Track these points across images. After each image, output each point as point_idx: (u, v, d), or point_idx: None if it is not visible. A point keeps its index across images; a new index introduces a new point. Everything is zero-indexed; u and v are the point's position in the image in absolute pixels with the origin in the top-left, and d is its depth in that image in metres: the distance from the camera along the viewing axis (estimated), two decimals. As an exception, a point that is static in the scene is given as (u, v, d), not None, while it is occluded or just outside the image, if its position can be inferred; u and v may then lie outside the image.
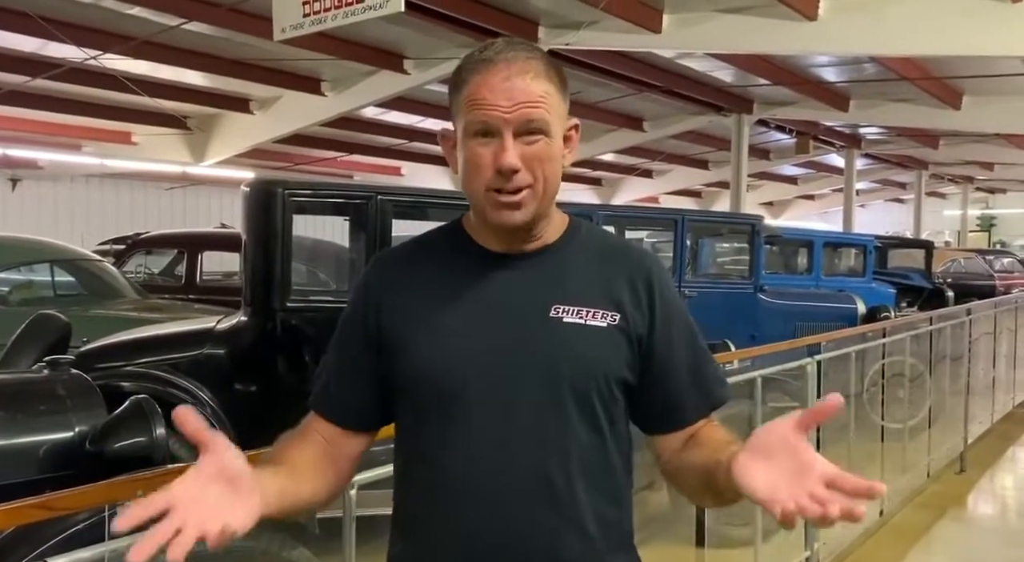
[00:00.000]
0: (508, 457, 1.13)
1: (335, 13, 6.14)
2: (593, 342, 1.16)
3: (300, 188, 3.97)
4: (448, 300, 1.18)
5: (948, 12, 7.68)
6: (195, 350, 4.04)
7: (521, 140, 1.13)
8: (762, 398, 3.52)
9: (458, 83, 1.17)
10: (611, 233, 1.34)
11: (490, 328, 1.16)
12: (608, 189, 22.11)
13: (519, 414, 1.13)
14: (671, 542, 3.59)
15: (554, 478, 1.13)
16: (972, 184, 24.41)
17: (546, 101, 1.15)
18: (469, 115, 1.14)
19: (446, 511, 1.15)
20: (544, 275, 1.19)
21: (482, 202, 1.16)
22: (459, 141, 1.17)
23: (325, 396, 1.24)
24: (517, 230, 1.18)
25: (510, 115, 1.12)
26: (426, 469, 1.18)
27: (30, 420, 2.45)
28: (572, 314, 1.16)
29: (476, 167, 1.14)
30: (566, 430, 1.14)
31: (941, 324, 5.93)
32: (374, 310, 1.21)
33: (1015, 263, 15.86)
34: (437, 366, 1.15)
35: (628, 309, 1.18)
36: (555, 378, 1.14)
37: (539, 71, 1.15)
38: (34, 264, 6.45)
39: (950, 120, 12.71)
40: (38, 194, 15.85)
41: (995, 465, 6.08)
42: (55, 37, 8.28)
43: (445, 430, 1.15)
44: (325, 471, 1.20)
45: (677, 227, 6.89)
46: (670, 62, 10.79)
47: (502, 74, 1.13)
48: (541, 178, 1.15)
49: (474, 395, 1.14)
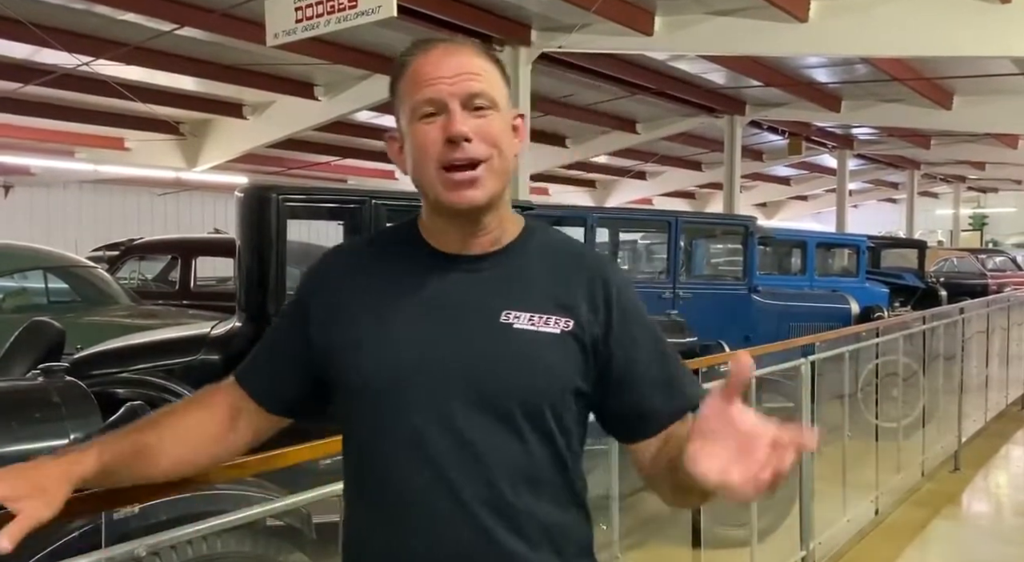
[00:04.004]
0: (448, 468, 1.08)
1: (328, 19, 6.14)
2: (544, 349, 1.11)
3: (294, 193, 3.96)
4: (394, 303, 1.14)
5: (938, 13, 7.72)
6: (190, 356, 4.03)
7: (469, 113, 1.10)
8: (757, 399, 3.53)
9: (398, 72, 1.15)
10: (568, 237, 1.27)
11: (435, 333, 1.11)
12: (602, 191, 22.14)
13: (462, 423, 1.09)
14: (667, 543, 3.60)
15: (497, 489, 1.09)
16: (964, 184, 24.49)
17: (488, 76, 1.13)
18: (413, 97, 1.11)
19: (386, 525, 1.12)
20: (496, 278, 1.15)
21: (435, 185, 1.10)
22: (406, 131, 1.13)
23: (251, 368, 1.25)
24: (473, 214, 1.12)
25: (454, 86, 1.09)
26: (366, 479, 1.15)
27: (25, 428, 2.44)
28: (523, 320, 1.11)
29: (424, 146, 1.10)
30: (511, 439, 1.09)
31: (934, 323, 5.96)
32: (317, 305, 1.19)
33: (1007, 262, 15.92)
34: (378, 372, 1.12)
35: (583, 316, 1.13)
36: (501, 386, 1.09)
37: (477, 51, 1.15)
38: (27, 271, 6.42)
39: (941, 120, 12.77)
40: (31, 201, 15.80)
41: (989, 463, 6.10)
42: (47, 43, 8.25)
43: (383, 439, 1.11)
44: (207, 442, 1.21)
45: (671, 229, 6.91)
46: (662, 64, 10.82)
47: (441, 50, 1.13)
48: (496, 153, 1.11)
49: (415, 403, 1.10)
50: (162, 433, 1.18)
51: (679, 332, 4.70)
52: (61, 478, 1.08)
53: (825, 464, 4.20)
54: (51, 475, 1.07)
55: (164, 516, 1.71)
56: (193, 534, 1.62)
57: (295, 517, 2.23)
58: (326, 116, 11.76)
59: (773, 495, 0.93)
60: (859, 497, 4.39)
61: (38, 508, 1.04)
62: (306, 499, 1.77)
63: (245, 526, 1.98)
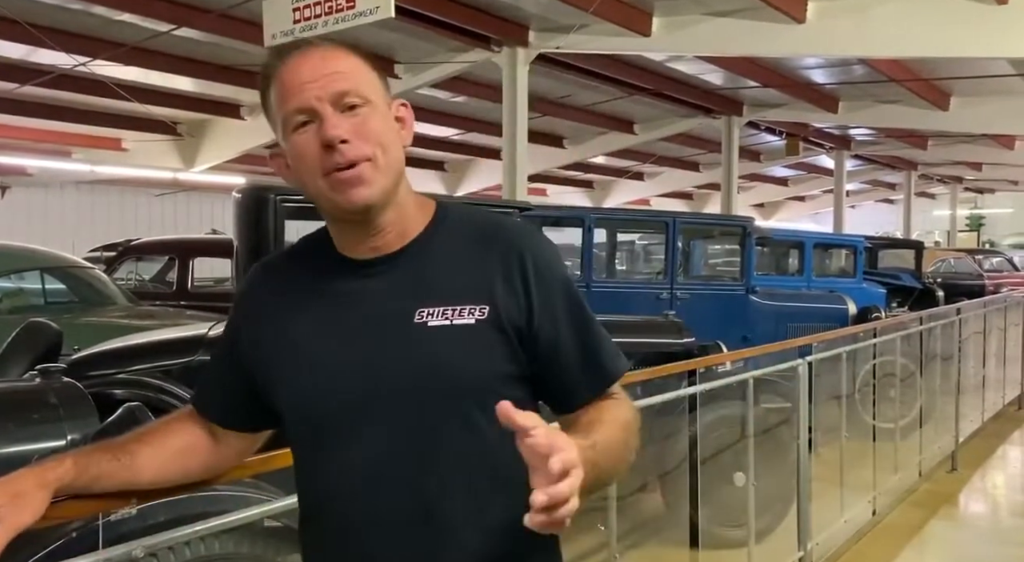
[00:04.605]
0: (377, 482, 1.07)
1: (326, 19, 6.14)
2: (461, 344, 1.07)
3: (292, 194, 3.95)
4: (309, 320, 1.12)
5: (935, 14, 7.74)
6: (187, 357, 4.01)
7: (343, 114, 1.06)
8: (754, 399, 3.54)
9: (264, 86, 1.11)
10: (483, 213, 1.20)
11: (350, 346, 1.09)
12: (600, 192, 22.15)
13: (385, 435, 1.07)
14: (665, 544, 3.60)
15: (428, 497, 1.07)
16: (961, 184, 24.54)
17: (356, 73, 1.08)
18: (283, 108, 1.07)
19: (326, 544, 1.12)
20: (407, 277, 1.11)
21: (323, 191, 1.07)
22: (284, 145, 1.10)
23: (202, 394, 1.26)
24: (369, 214, 1.08)
25: (320, 89, 1.05)
26: (306, 500, 1.16)
27: (22, 429, 2.43)
28: (438, 315, 1.07)
29: (303, 157, 1.06)
30: (438, 443, 1.07)
31: (931, 324, 5.96)
32: (244, 326, 1.19)
33: (1004, 262, 15.96)
34: (302, 395, 1.11)
35: (500, 299, 1.08)
36: (421, 390, 1.07)
37: (339, 49, 1.10)
38: (24, 272, 6.41)
39: (938, 121, 12.80)
40: (28, 201, 15.78)
41: (986, 463, 6.11)
42: (44, 43, 8.25)
43: (315, 460, 1.11)
44: (194, 454, 1.23)
45: (669, 229, 6.91)
46: (660, 65, 10.83)
47: (300, 56, 1.09)
48: (378, 148, 1.06)
49: (338, 421, 1.08)
50: (144, 445, 1.19)
51: (677, 333, 4.70)
52: (38, 485, 1.09)
53: (822, 465, 4.20)
54: (27, 482, 1.09)
55: (162, 517, 1.71)
56: (191, 535, 1.62)
57: (293, 518, 2.23)
58: (323, 116, 11.75)
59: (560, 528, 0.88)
60: (856, 498, 4.39)
61: (16, 514, 1.05)
62: (304, 500, 1.76)
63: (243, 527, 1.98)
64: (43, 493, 1.09)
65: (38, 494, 1.09)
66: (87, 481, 1.14)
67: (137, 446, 1.19)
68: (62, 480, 1.11)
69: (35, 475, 1.10)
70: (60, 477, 1.11)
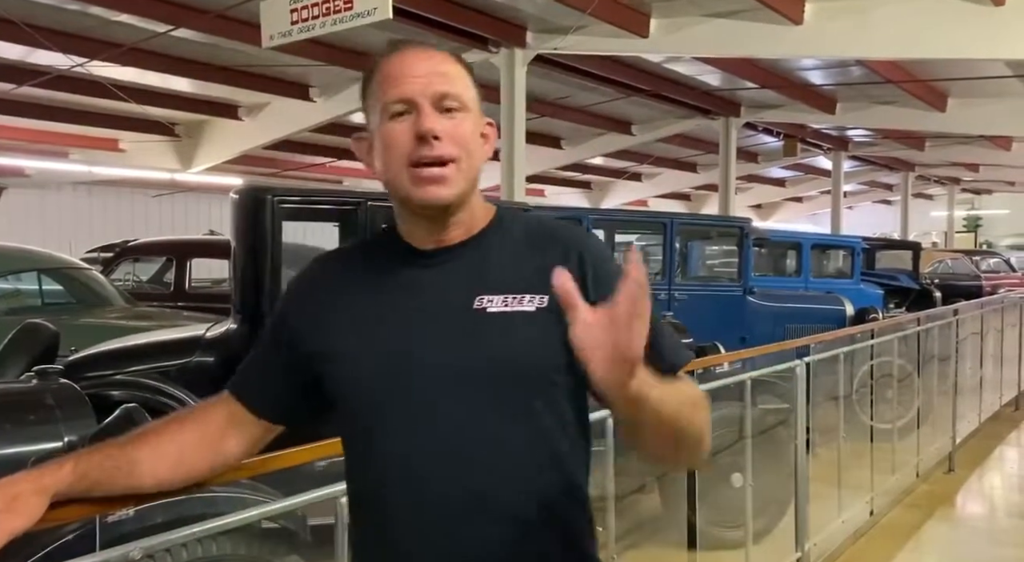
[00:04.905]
0: (435, 467, 1.09)
1: (323, 20, 6.14)
2: (521, 330, 1.10)
3: (289, 194, 3.95)
4: (373, 306, 1.15)
5: (932, 15, 7.76)
6: (185, 358, 4.01)
7: (440, 115, 1.11)
8: (752, 400, 3.54)
9: (369, 74, 1.17)
10: (543, 216, 1.28)
11: (412, 331, 1.12)
12: (597, 193, 22.17)
13: (445, 420, 1.09)
14: (663, 545, 3.60)
15: (485, 483, 1.09)
16: (958, 185, 24.59)
17: (459, 80, 1.14)
18: (385, 95, 1.12)
19: (380, 529, 1.13)
20: (468, 266, 1.15)
21: (404, 182, 1.11)
22: (376, 131, 1.14)
23: (242, 378, 1.26)
24: (442, 211, 1.13)
25: (426, 86, 1.11)
26: (360, 486, 1.17)
27: (19, 430, 2.43)
28: (497, 303, 1.11)
29: (394, 144, 1.11)
30: (496, 429, 1.09)
31: (929, 325, 5.96)
32: (301, 313, 1.20)
33: (1001, 263, 15.99)
34: (362, 379, 1.13)
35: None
36: (480, 375, 1.09)
37: (449, 57, 1.16)
38: (21, 273, 6.40)
39: (935, 122, 12.82)
40: (25, 202, 15.74)
41: (983, 464, 6.12)
42: (41, 44, 8.24)
43: (372, 444, 1.12)
44: (195, 456, 1.20)
45: (667, 230, 6.92)
46: (658, 66, 10.84)
47: (413, 52, 1.14)
48: (465, 154, 1.11)
49: (399, 405, 1.10)
50: (148, 448, 1.18)
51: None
52: (34, 490, 1.09)
53: (820, 465, 4.20)
54: (23, 487, 1.09)
55: (160, 519, 1.71)
56: (188, 537, 1.62)
57: (291, 520, 2.23)
58: (322, 117, 11.75)
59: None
60: (854, 498, 4.40)
61: (11, 519, 1.05)
62: (302, 502, 1.76)
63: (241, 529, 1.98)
64: (39, 498, 1.09)
65: (34, 499, 1.09)
66: (86, 486, 1.14)
67: (140, 451, 1.17)
68: (59, 485, 1.11)
69: (32, 480, 1.10)
70: (57, 482, 1.11)
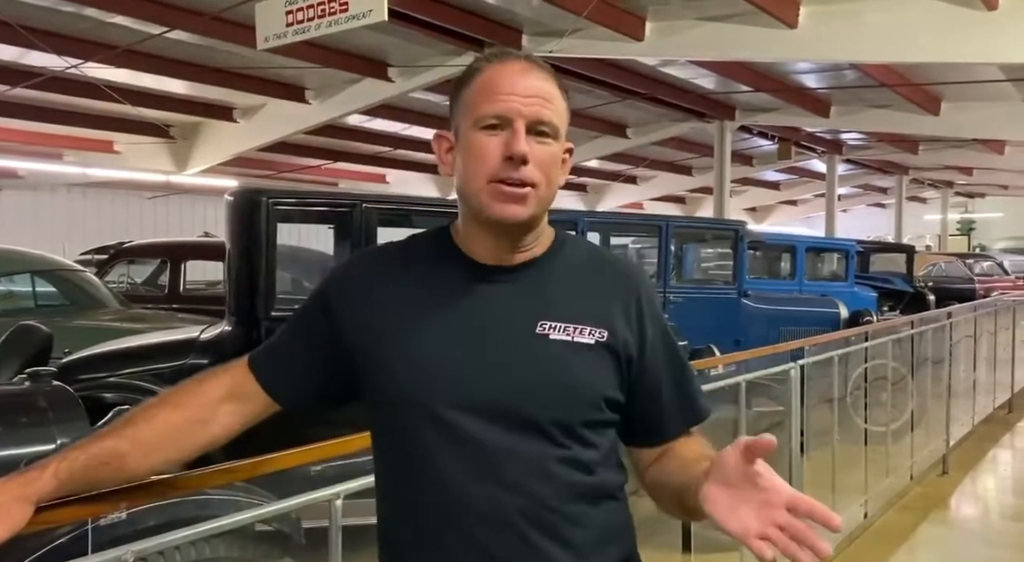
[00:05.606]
0: (488, 482, 1.09)
1: (318, 22, 6.14)
2: (580, 361, 1.12)
3: (284, 196, 3.95)
4: (429, 314, 1.13)
5: (926, 20, 7.79)
6: (179, 360, 4.01)
7: (532, 138, 1.10)
8: (747, 403, 3.54)
9: (468, 76, 1.15)
10: (597, 246, 1.31)
11: (473, 346, 1.12)
12: (593, 195, 22.18)
13: (501, 437, 1.09)
14: (657, 548, 3.59)
15: (537, 503, 1.09)
16: (952, 189, 24.65)
17: (558, 106, 1.13)
18: (481, 106, 1.10)
19: (428, 537, 1.13)
20: (530, 289, 1.15)
21: (482, 195, 1.10)
22: (462, 136, 1.13)
23: (266, 355, 1.23)
24: (514, 230, 1.13)
25: (526, 108, 1.09)
26: (407, 492, 1.15)
27: (11, 433, 2.42)
28: (559, 331, 1.12)
29: (481, 157, 1.10)
30: (551, 453, 1.10)
31: (922, 328, 5.98)
32: (346, 306, 1.17)
33: (995, 266, 16.03)
34: (416, 386, 1.11)
35: (618, 328, 1.15)
36: (539, 400, 1.10)
37: (552, 77, 1.15)
38: (15, 274, 6.38)
39: (929, 126, 12.86)
40: (19, 204, 15.69)
41: (977, 467, 6.13)
42: (36, 46, 8.22)
43: (424, 454, 1.11)
44: (182, 439, 1.18)
45: (662, 233, 6.93)
46: (653, 69, 10.86)
47: (519, 67, 1.12)
48: (545, 182, 1.12)
49: (455, 418, 1.10)
50: (133, 438, 1.16)
51: (669, 336, 4.71)
52: (17, 497, 1.08)
53: (814, 468, 4.21)
54: (6, 495, 1.07)
55: (152, 521, 1.71)
56: (182, 539, 1.61)
57: (285, 522, 2.22)
58: (317, 119, 11.74)
59: None
60: (848, 501, 4.40)
61: None
62: (296, 504, 1.76)
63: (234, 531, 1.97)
64: (23, 505, 1.08)
65: (16, 506, 1.07)
66: (73, 487, 1.13)
67: (126, 442, 1.15)
68: (43, 490, 1.10)
69: (16, 486, 1.09)
70: (40, 488, 1.10)
